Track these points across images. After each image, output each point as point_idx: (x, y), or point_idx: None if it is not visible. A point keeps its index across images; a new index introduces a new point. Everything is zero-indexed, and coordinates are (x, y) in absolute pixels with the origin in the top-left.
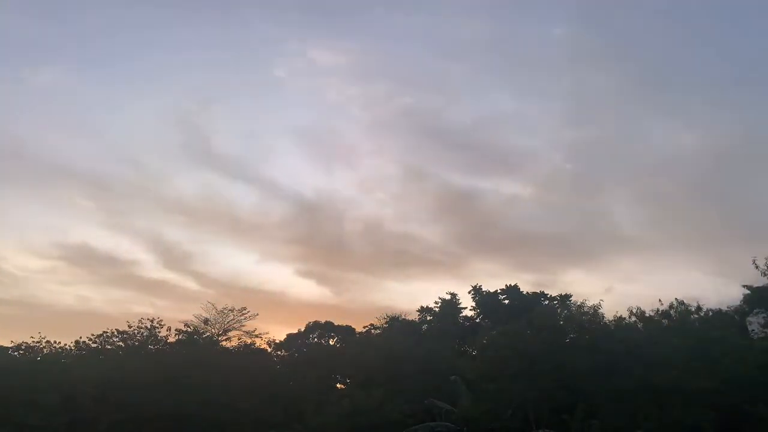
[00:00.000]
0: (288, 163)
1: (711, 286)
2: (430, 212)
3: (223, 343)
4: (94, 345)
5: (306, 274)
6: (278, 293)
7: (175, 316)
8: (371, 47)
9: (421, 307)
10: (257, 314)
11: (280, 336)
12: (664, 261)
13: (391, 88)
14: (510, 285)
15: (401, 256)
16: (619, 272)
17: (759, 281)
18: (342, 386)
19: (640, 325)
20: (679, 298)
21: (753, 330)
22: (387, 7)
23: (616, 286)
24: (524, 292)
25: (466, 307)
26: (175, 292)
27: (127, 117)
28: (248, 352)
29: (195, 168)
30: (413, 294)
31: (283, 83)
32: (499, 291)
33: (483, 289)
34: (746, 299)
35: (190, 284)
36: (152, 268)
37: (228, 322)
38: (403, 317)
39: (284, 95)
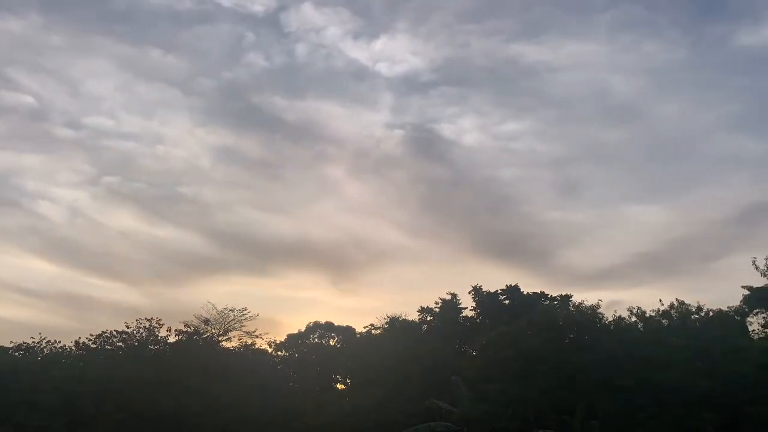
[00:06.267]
0: None
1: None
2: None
3: (224, 343)
4: (93, 345)
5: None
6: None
7: None
8: None
9: (421, 307)
10: (257, 315)
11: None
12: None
13: None
14: (510, 285)
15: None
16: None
17: (759, 281)
18: (342, 386)
19: (640, 325)
20: None
21: (753, 330)
22: None
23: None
24: (524, 292)
25: (466, 307)
26: None
27: None
28: (249, 352)
29: None
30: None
31: None
32: (499, 291)
33: (483, 290)
34: (746, 299)
35: None
36: None
37: (228, 323)
38: (404, 317)
39: None
